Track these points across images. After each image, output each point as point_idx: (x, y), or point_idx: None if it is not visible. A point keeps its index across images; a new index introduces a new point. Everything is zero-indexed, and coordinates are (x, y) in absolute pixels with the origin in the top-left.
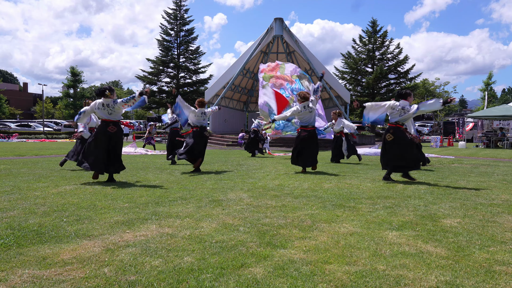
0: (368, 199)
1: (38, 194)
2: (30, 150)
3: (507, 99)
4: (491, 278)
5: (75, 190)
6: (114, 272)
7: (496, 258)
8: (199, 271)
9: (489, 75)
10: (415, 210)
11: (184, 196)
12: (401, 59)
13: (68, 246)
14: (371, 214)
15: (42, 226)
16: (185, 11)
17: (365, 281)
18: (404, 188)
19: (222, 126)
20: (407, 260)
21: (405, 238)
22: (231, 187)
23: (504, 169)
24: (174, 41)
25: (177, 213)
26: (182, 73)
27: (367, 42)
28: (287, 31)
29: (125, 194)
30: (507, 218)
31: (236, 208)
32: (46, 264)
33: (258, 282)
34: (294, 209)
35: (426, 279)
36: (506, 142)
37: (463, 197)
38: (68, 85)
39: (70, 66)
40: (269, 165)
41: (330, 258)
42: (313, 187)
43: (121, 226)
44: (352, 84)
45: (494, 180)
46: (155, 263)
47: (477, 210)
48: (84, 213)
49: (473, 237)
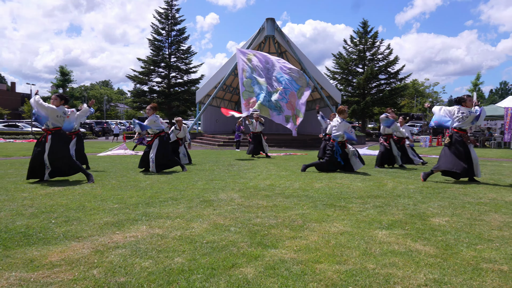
0: (358, 198)
1: (25, 195)
2: (18, 150)
3: (494, 100)
4: (478, 276)
5: (64, 191)
6: (104, 274)
7: (483, 256)
8: (189, 272)
9: (477, 76)
10: (405, 209)
11: (174, 197)
12: (391, 59)
13: (56, 248)
14: (361, 214)
15: (30, 227)
16: (177, 11)
17: (355, 280)
18: (393, 188)
19: (213, 126)
20: (396, 259)
21: (395, 237)
22: (222, 187)
23: (492, 168)
24: (165, 41)
25: (168, 214)
26: (173, 73)
27: (358, 42)
28: (279, 32)
29: (115, 195)
30: (494, 216)
31: (227, 208)
32: (33, 267)
33: (249, 282)
34: (285, 209)
35: (415, 277)
36: (493, 141)
37: (452, 196)
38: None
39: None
40: (260, 165)
41: (320, 257)
42: (304, 187)
43: (110, 227)
44: (343, 84)
45: (482, 179)
46: (145, 264)
47: (465, 209)
48: (73, 214)
49: (461, 236)
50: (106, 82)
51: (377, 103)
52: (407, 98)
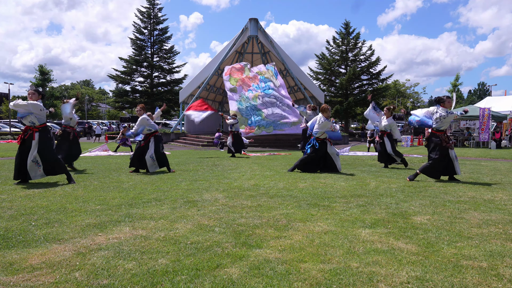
0: (342, 198)
1: (4, 197)
2: None
3: (473, 100)
4: (459, 273)
5: (44, 193)
6: (86, 277)
7: (463, 253)
8: (174, 273)
9: (456, 77)
10: (387, 208)
11: (158, 198)
12: (373, 60)
13: (36, 250)
14: (345, 213)
15: (9, 230)
16: (159, 10)
17: (339, 278)
18: (376, 187)
19: (197, 127)
20: (379, 257)
21: (378, 235)
22: (206, 188)
23: (471, 167)
24: (147, 40)
25: (151, 215)
26: (156, 72)
27: (341, 43)
28: (262, 32)
29: (97, 196)
30: (473, 214)
31: (211, 209)
32: (13, 270)
33: (234, 282)
34: (270, 208)
35: (397, 275)
36: (472, 141)
37: (432, 194)
38: (36, 84)
39: (39, 65)
40: (244, 166)
41: (305, 256)
42: (288, 186)
43: (93, 229)
44: (326, 85)
45: (461, 178)
46: (129, 266)
47: (445, 207)
48: (53, 216)
49: (442, 233)
50: (87, 82)
51: (359, 104)
52: (388, 98)
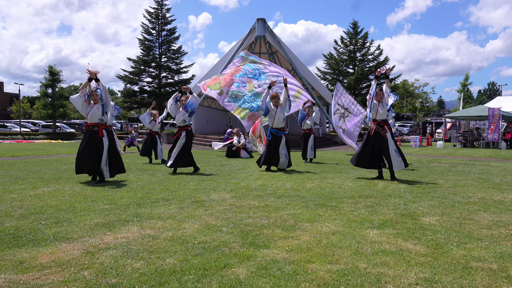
0: (349, 198)
1: (14, 197)
2: (6, 151)
3: (483, 100)
4: (468, 274)
5: (54, 192)
6: (94, 276)
7: (473, 255)
8: (181, 273)
9: (466, 77)
10: (395, 208)
11: (166, 197)
12: (381, 60)
13: (46, 249)
14: (353, 213)
15: (19, 229)
16: (167, 10)
17: (347, 279)
18: (384, 187)
19: (204, 127)
20: (387, 258)
21: (386, 236)
22: (213, 188)
23: (480, 168)
24: (155, 41)
25: (159, 214)
26: (164, 72)
27: (349, 43)
28: (270, 32)
29: (105, 195)
30: (483, 215)
31: (219, 209)
32: (23, 268)
33: (241, 282)
34: (277, 209)
35: (406, 276)
36: (482, 141)
37: (441, 195)
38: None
39: (48, 65)
40: (252, 166)
41: (312, 257)
42: (295, 187)
43: (101, 228)
44: (334, 85)
45: (471, 178)
46: (137, 265)
47: (454, 208)
48: (63, 215)
49: (451, 235)
50: None
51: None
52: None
